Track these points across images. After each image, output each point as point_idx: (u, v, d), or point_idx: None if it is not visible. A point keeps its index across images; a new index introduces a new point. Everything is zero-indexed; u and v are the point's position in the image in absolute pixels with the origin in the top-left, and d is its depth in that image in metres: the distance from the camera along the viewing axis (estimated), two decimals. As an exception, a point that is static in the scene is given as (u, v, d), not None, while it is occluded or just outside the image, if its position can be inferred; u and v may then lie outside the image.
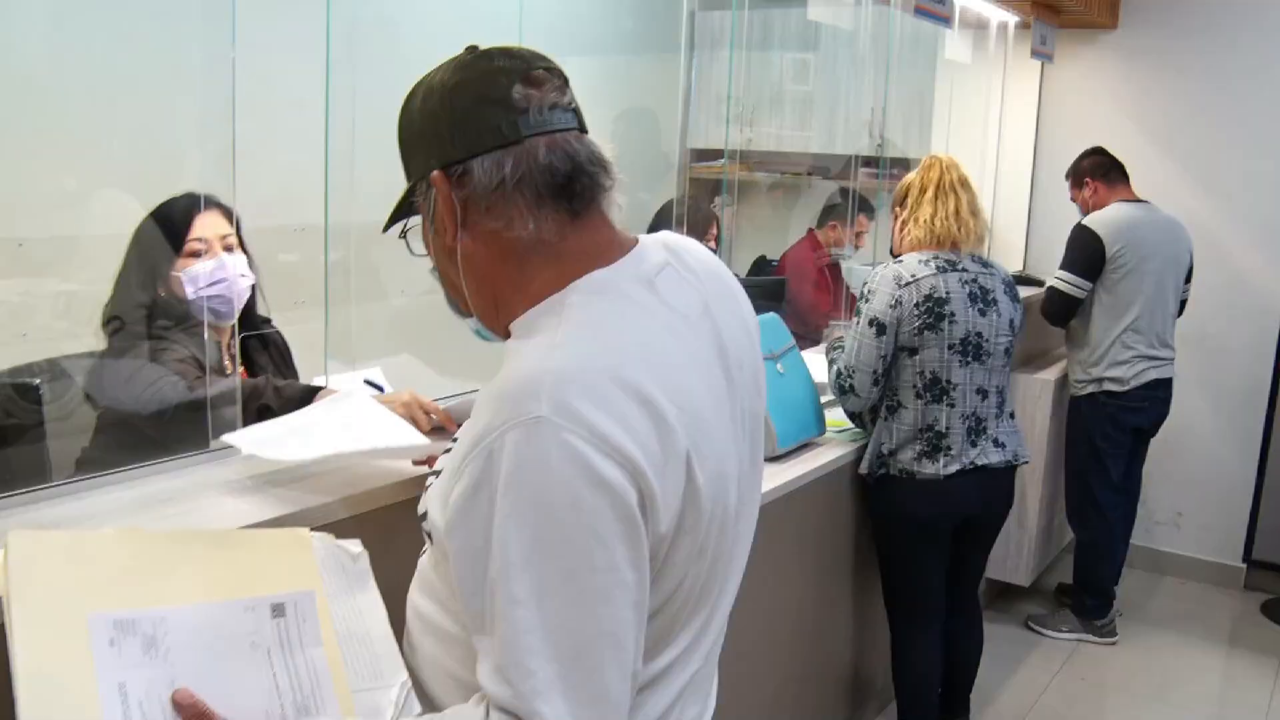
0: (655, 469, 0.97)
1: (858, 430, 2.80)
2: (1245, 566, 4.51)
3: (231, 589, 1.05)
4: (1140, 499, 4.22)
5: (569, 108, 1.10)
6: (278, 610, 1.06)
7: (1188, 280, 3.88)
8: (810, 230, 4.36)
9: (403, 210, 1.18)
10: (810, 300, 4.12)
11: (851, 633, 3.00)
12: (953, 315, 2.58)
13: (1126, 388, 3.73)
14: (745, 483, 1.14)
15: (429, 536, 1.13)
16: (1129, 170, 3.91)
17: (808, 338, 3.67)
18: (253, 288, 2.09)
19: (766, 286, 3.84)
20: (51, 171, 2.63)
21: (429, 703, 1.16)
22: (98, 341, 2.02)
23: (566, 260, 1.08)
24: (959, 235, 2.66)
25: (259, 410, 1.83)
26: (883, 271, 2.64)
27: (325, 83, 2.14)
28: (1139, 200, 3.83)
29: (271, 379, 1.95)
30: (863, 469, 2.73)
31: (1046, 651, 3.87)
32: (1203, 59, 4.38)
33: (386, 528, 1.49)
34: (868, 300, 2.63)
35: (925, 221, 2.66)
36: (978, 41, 4.58)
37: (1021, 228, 4.87)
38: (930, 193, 2.68)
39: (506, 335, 1.12)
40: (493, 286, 1.12)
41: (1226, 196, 4.40)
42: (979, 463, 2.65)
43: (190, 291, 1.96)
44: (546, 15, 3.41)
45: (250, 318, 2.13)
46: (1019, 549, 3.92)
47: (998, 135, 4.76)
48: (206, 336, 1.99)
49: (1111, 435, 3.79)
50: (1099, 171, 3.89)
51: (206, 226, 2.00)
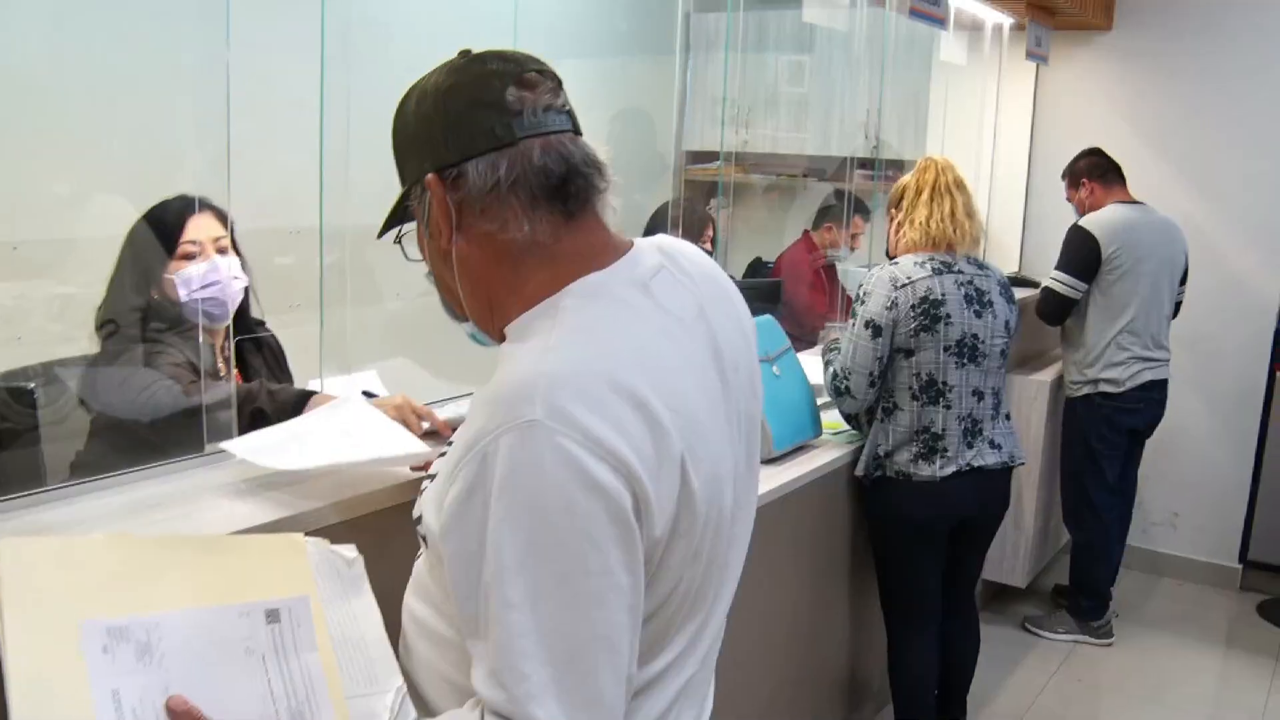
0: (650, 472, 0.97)
1: (854, 432, 2.80)
2: (1241, 567, 4.52)
3: (226, 594, 1.05)
4: (1136, 500, 4.22)
5: (563, 110, 1.10)
6: (272, 616, 1.06)
7: (1183, 282, 3.89)
8: (806, 232, 4.37)
9: (397, 215, 1.18)
10: (806, 302, 4.13)
11: (848, 635, 3.00)
12: (948, 317, 2.58)
13: (1122, 389, 3.74)
14: (741, 486, 1.14)
15: (424, 540, 1.12)
16: (1124, 172, 3.91)
17: (804, 339, 3.67)
18: (246, 290, 2.08)
19: (762, 288, 3.84)
20: (47, 174, 2.63)
21: (424, 707, 1.15)
22: (92, 345, 2.01)
23: (561, 262, 1.08)
24: (954, 237, 2.66)
25: (253, 415, 1.83)
26: (878, 273, 2.64)
27: (320, 84, 2.14)
28: (1135, 202, 3.84)
29: (265, 383, 1.94)
30: (859, 471, 2.73)
31: (1043, 653, 3.87)
32: (1197, 60, 4.39)
33: (382, 531, 1.48)
34: (863, 302, 2.63)
35: (920, 223, 2.66)
36: (973, 43, 4.59)
37: (1017, 229, 4.87)
38: (926, 195, 2.68)
39: (502, 338, 1.12)
40: (488, 289, 1.12)
41: (1221, 198, 4.40)
42: (975, 464, 2.65)
43: (183, 294, 1.95)
44: (542, 17, 3.41)
45: (244, 320, 2.12)
46: (1015, 550, 3.92)
47: (993, 137, 4.77)
48: (201, 340, 1.98)
49: (1107, 437, 3.79)
50: (1095, 172, 3.89)
51: (199, 229, 1.99)
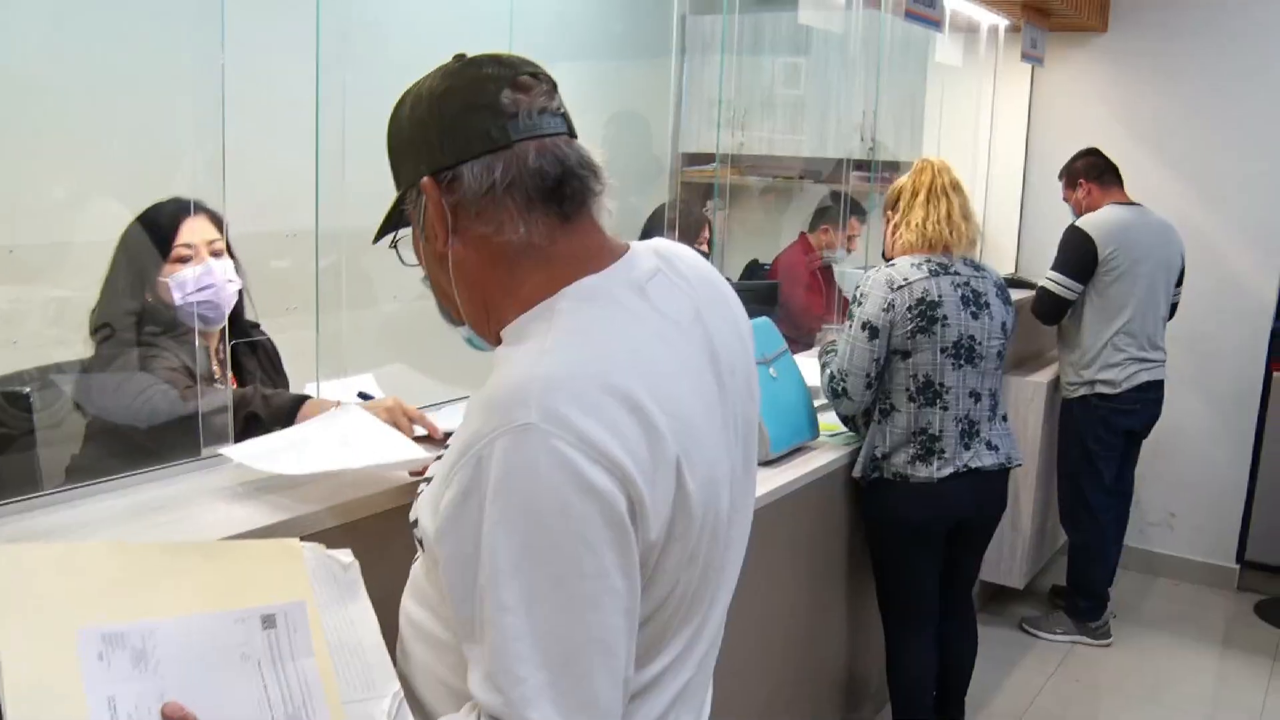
0: (645, 476, 0.97)
1: (851, 434, 2.80)
2: (1238, 567, 4.52)
3: (222, 600, 1.05)
4: (1133, 500, 4.22)
5: (558, 112, 1.10)
6: (268, 621, 1.05)
7: (1179, 283, 3.89)
8: (802, 234, 4.37)
9: (393, 220, 1.18)
10: (803, 303, 4.13)
11: (846, 636, 3.00)
12: (945, 318, 2.58)
13: (1118, 390, 3.74)
14: (738, 489, 1.14)
15: (420, 543, 1.12)
16: (1120, 173, 3.92)
17: (801, 341, 3.67)
18: (240, 293, 2.08)
19: (759, 290, 3.84)
20: (42, 177, 2.62)
21: (422, 710, 1.15)
22: (88, 349, 2.00)
23: (557, 264, 1.08)
24: (950, 239, 2.66)
25: (247, 419, 1.82)
26: (875, 275, 2.64)
27: (315, 86, 2.13)
28: (1132, 203, 3.84)
29: (260, 388, 1.94)
30: (856, 472, 2.73)
31: (1041, 653, 3.87)
32: (1193, 62, 4.39)
33: (379, 535, 1.48)
34: (860, 304, 2.63)
35: (917, 225, 2.67)
36: (968, 45, 4.59)
37: (1013, 230, 4.88)
38: (922, 196, 2.68)
39: (498, 342, 1.12)
40: (484, 292, 1.12)
41: (1217, 199, 4.41)
42: (972, 465, 2.65)
43: (178, 297, 1.94)
44: (537, 19, 3.40)
45: (238, 323, 2.12)
46: (1013, 551, 3.92)
47: (989, 138, 4.77)
48: (197, 343, 1.98)
49: (1103, 437, 3.79)
50: (1093, 173, 3.89)
51: (194, 232, 1.99)
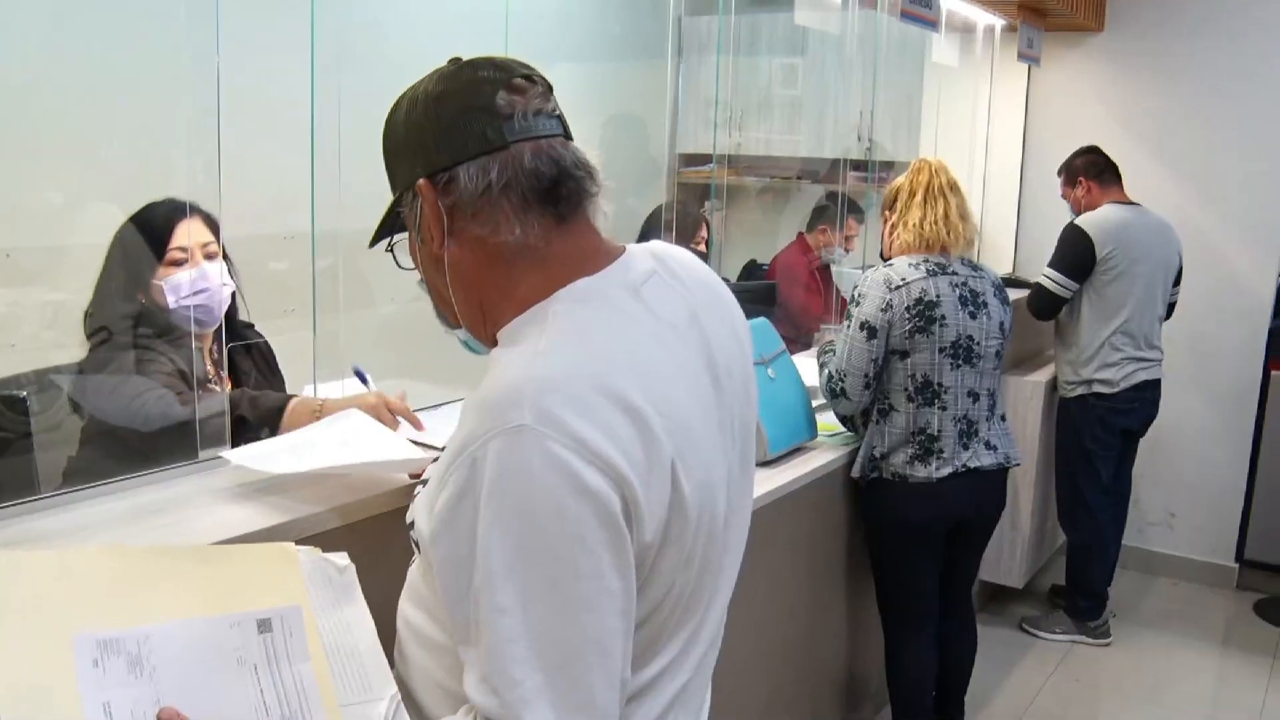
0: (640, 477, 0.97)
1: (849, 434, 2.79)
2: (1238, 566, 4.52)
3: (218, 605, 1.04)
4: (1132, 500, 4.22)
5: (553, 114, 1.10)
6: (264, 625, 1.05)
7: (1176, 283, 3.89)
8: (800, 234, 4.37)
9: (389, 224, 1.18)
10: (801, 304, 4.13)
11: (845, 636, 3.00)
12: (943, 318, 2.58)
13: (1116, 389, 3.74)
14: (735, 491, 1.13)
15: (417, 546, 1.12)
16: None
17: (799, 341, 3.67)
18: (233, 294, 2.07)
19: (757, 291, 3.84)
20: (38, 180, 2.62)
21: (419, 713, 1.15)
22: (83, 350, 2.00)
23: (553, 265, 1.08)
24: (948, 239, 2.66)
25: (235, 422, 1.82)
26: (873, 275, 2.64)
27: (311, 88, 2.13)
28: (1131, 202, 3.84)
29: (247, 391, 1.93)
30: (855, 473, 2.73)
31: (1040, 653, 3.87)
32: (1189, 61, 4.40)
33: (378, 537, 1.48)
34: (858, 304, 2.63)
35: (914, 225, 2.67)
36: (965, 45, 4.59)
37: (1010, 230, 4.88)
38: (919, 197, 2.68)
39: (494, 344, 1.12)
40: (479, 293, 1.12)
41: (1215, 198, 4.41)
42: (971, 465, 2.65)
43: (171, 301, 1.94)
44: (534, 21, 3.40)
45: (232, 324, 2.11)
46: (1012, 551, 3.92)
47: (986, 138, 4.77)
48: (194, 347, 1.97)
49: (1101, 437, 3.79)
50: (1093, 171, 3.88)
51: (188, 234, 1.98)
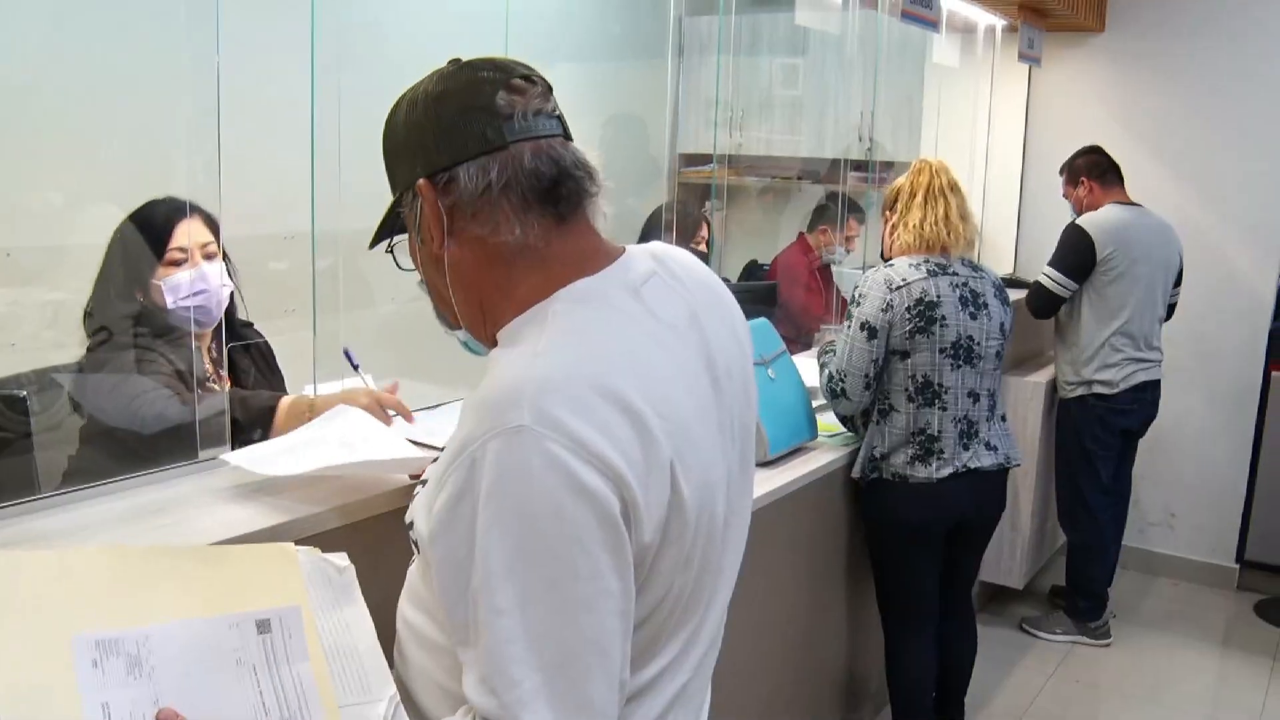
0: (638, 478, 0.97)
1: (850, 434, 2.79)
2: (1238, 567, 4.52)
3: (217, 605, 1.04)
4: (1133, 500, 4.22)
5: (553, 114, 1.10)
6: (263, 626, 1.05)
7: (1177, 284, 3.89)
8: (801, 234, 4.37)
9: (388, 225, 1.18)
10: (802, 304, 4.12)
11: (845, 637, 3.00)
12: (944, 319, 2.58)
13: (1115, 390, 3.74)
14: (734, 492, 1.13)
15: (416, 546, 1.12)
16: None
17: (800, 341, 3.67)
18: (231, 293, 2.07)
19: (758, 291, 3.84)
20: (39, 180, 2.62)
21: (419, 714, 1.15)
22: (83, 349, 2.00)
23: (553, 266, 1.08)
24: (948, 240, 2.66)
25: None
26: (873, 275, 2.64)
27: (311, 88, 2.13)
28: (1133, 203, 3.84)
29: (238, 391, 1.93)
30: (855, 473, 2.73)
31: (1040, 654, 3.87)
32: (1189, 61, 4.39)
33: (377, 537, 1.48)
34: (859, 304, 2.63)
35: (914, 226, 2.66)
36: (965, 45, 4.59)
37: (1011, 230, 4.88)
38: (920, 197, 2.68)
39: (494, 345, 1.11)
40: (480, 293, 1.12)
41: (1215, 198, 4.41)
42: (971, 466, 2.65)
43: (170, 301, 1.94)
44: (534, 21, 3.40)
45: (231, 323, 2.11)
46: (1012, 551, 3.92)
47: (986, 138, 4.77)
48: (194, 347, 1.97)
49: (1100, 437, 3.79)
50: (1095, 171, 3.88)
51: (188, 234, 1.97)
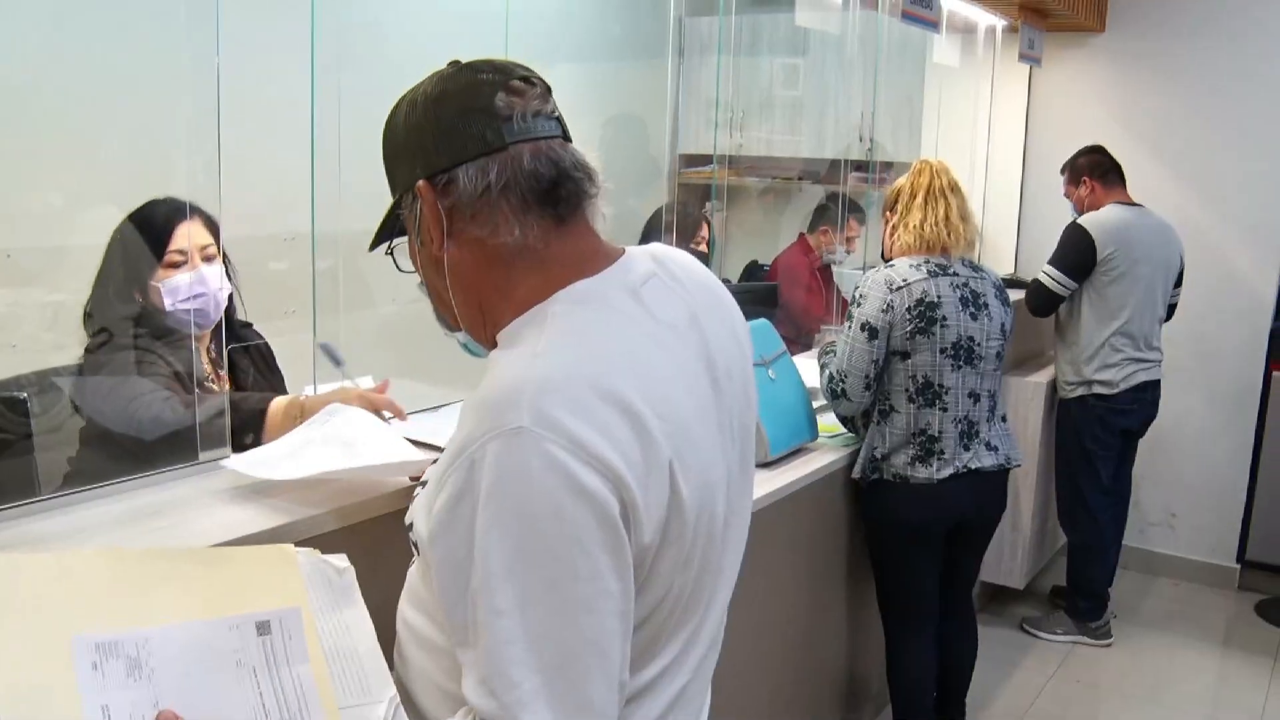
0: (638, 479, 0.97)
1: (850, 435, 2.79)
2: (1239, 567, 4.51)
3: (216, 607, 1.04)
4: (1133, 500, 4.22)
5: (552, 116, 1.10)
6: (263, 628, 1.05)
7: (1178, 285, 3.89)
8: (801, 234, 4.36)
9: (388, 227, 1.18)
10: (802, 304, 4.12)
11: (846, 637, 3.00)
12: (944, 319, 2.58)
13: (1115, 390, 3.74)
14: (734, 493, 1.13)
15: (416, 547, 1.12)
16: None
17: (801, 341, 3.67)
18: (230, 295, 2.07)
19: (758, 291, 3.84)
20: (39, 181, 2.62)
21: (419, 716, 1.15)
22: (80, 346, 2.00)
23: (552, 267, 1.08)
24: (949, 241, 2.66)
25: None
26: (874, 276, 2.64)
27: (311, 88, 2.13)
28: (1134, 204, 3.83)
29: (229, 394, 1.93)
30: (855, 474, 2.73)
31: (1041, 654, 3.87)
32: (1190, 62, 4.39)
33: (377, 539, 1.48)
34: (859, 304, 2.63)
35: (915, 227, 2.66)
36: (966, 45, 4.59)
37: (1011, 231, 4.87)
38: (920, 198, 2.68)
39: (494, 346, 1.12)
40: (479, 295, 1.12)
41: (1215, 198, 4.41)
42: (972, 466, 2.65)
43: (168, 303, 1.94)
44: (534, 21, 3.40)
45: (229, 324, 2.10)
46: (1013, 552, 3.92)
47: (987, 139, 4.77)
48: (194, 348, 1.97)
49: (1100, 437, 3.79)
50: (1098, 171, 3.88)
51: (188, 237, 1.97)
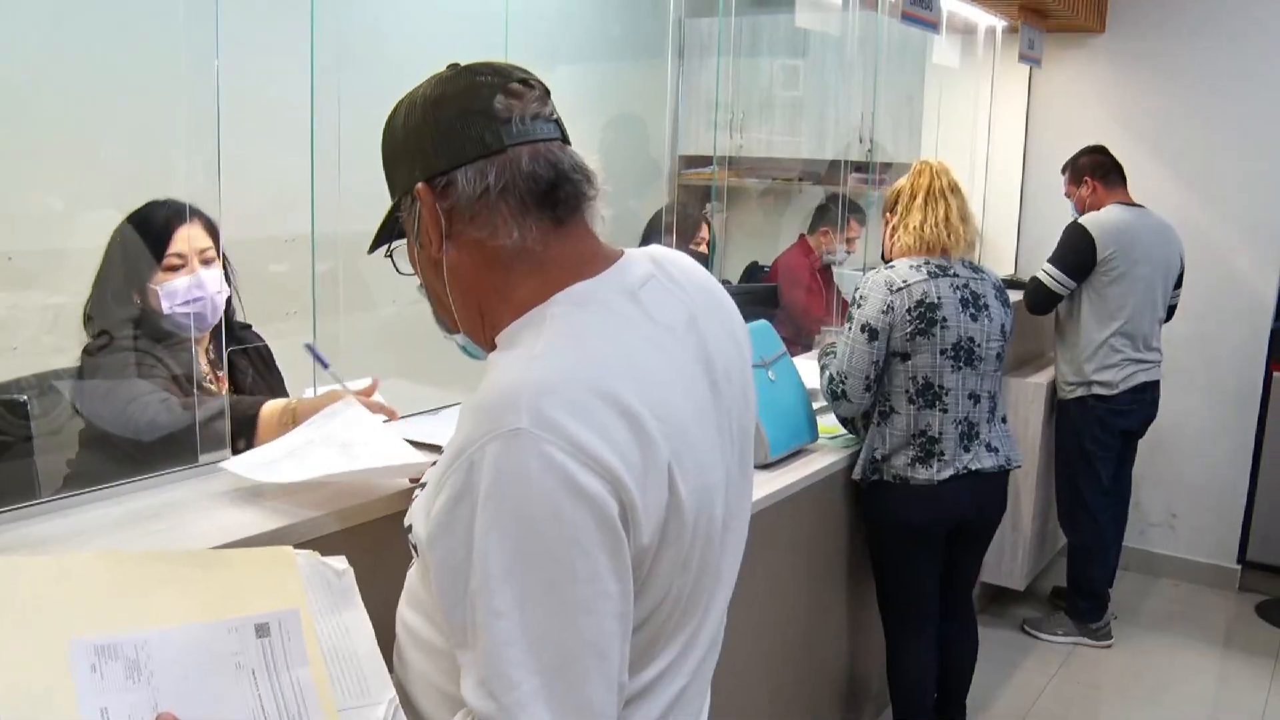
0: (636, 480, 0.97)
1: (850, 436, 2.79)
2: (1240, 568, 4.51)
3: (215, 609, 1.04)
4: (1134, 501, 4.22)
5: (551, 118, 1.11)
6: (262, 630, 1.05)
7: (1178, 286, 3.88)
8: (801, 235, 4.36)
9: (387, 229, 1.18)
10: (803, 305, 4.12)
11: (846, 638, 3.00)
12: (945, 320, 2.58)
13: (1115, 391, 3.73)
14: (733, 495, 1.13)
15: (415, 549, 1.12)
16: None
17: (801, 342, 3.67)
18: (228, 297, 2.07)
19: (758, 293, 3.84)
20: (38, 183, 2.62)
21: (418, 717, 1.15)
22: (79, 346, 2.00)
23: (550, 269, 1.08)
24: (949, 242, 2.66)
25: None
26: (874, 277, 2.64)
27: (310, 90, 2.13)
28: (1135, 204, 3.83)
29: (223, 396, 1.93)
30: (856, 475, 2.72)
31: (1042, 655, 3.87)
32: (1190, 62, 4.39)
33: (376, 541, 1.48)
34: (859, 306, 2.63)
35: (915, 228, 2.66)
36: (966, 46, 4.59)
37: (1011, 231, 4.87)
38: (920, 199, 2.68)
39: (493, 348, 1.12)
40: (478, 297, 1.12)
41: (1215, 199, 4.40)
42: (972, 467, 2.65)
43: (166, 306, 1.93)
44: (534, 22, 3.40)
45: (229, 326, 2.10)
46: (1013, 553, 3.91)
47: (987, 139, 4.77)
48: (194, 351, 1.97)
49: (1100, 438, 3.79)
50: (1099, 171, 3.87)
51: (186, 240, 1.97)
